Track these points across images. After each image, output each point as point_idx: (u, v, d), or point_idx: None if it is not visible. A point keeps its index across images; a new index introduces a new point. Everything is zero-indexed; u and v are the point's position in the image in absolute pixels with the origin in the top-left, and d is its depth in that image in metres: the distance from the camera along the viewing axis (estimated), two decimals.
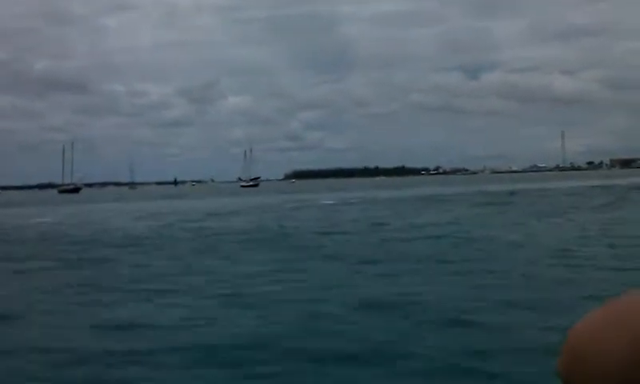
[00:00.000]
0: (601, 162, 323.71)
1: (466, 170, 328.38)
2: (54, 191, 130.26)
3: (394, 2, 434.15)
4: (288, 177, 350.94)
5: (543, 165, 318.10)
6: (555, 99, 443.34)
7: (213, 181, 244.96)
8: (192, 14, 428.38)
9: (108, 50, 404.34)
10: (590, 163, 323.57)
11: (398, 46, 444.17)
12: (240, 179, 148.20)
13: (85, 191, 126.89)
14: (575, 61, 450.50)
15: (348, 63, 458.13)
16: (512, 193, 49.08)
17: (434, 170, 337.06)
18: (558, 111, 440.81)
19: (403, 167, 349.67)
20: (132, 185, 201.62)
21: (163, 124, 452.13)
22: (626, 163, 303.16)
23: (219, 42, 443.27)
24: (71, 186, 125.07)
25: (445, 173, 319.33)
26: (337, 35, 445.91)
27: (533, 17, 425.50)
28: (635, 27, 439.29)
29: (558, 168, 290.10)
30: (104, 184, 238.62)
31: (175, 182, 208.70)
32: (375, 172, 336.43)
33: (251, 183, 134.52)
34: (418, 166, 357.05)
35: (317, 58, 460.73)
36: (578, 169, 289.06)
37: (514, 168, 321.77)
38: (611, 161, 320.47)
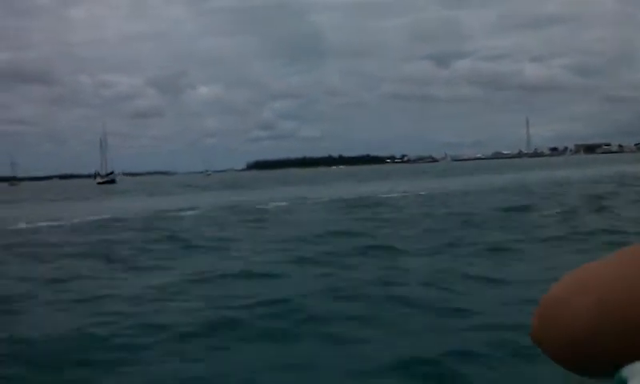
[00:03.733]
0: (565, 148, 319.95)
1: (432, 158, 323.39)
2: None
3: None
4: (249, 167, 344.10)
5: (507, 151, 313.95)
6: (524, 86, 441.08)
7: (124, 174, 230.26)
8: (160, 4, 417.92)
9: (74, 42, 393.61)
10: (553, 149, 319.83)
11: (369, 35, 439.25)
12: (98, 175, 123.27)
13: None
14: (544, 48, 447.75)
15: (319, 52, 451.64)
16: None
17: (399, 159, 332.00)
18: (526, 98, 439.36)
19: (368, 156, 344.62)
20: (12, 181, 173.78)
21: (131, 115, 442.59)
22: (590, 149, 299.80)
23: (188, 33, 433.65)
24: None
25: (409, 161, 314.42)
26: (307, 24, 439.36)
27: (503, 5, 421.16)
28: (601, 15, 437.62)
29: (520, 154, 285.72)
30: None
31: (95, 175, 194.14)
32: (339, 161, 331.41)
33: (106, 179, 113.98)
34: (385, 154, 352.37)
35: (288, 47, 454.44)
36: (541, 155, 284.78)
37: (479, 155, 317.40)
38: (575, 146, 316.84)
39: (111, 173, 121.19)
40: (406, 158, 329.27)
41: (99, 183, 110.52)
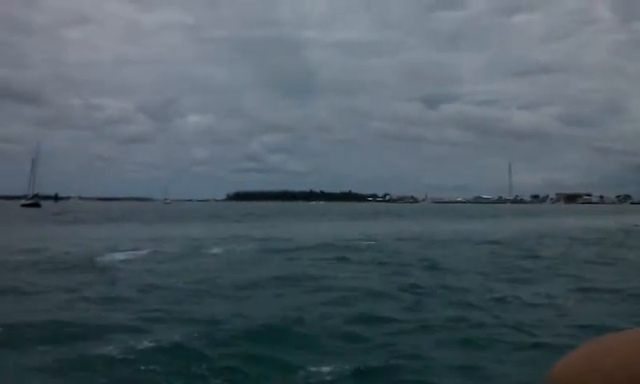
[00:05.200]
0: (546, 196, 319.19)
1: (413, 199, 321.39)
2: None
3: (359, 31, 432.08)
4: (229, 197, 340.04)
5: (488, 196, 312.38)
6: (511, 133, 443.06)
7: (80, 198, 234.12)
8: (156, 30, 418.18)
9: (68, 63, 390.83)
10: (535, 197, 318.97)
11: (361, 73, 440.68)
12: (26, 197, 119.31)
13: None
14: (533, 96, 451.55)
15: (312, 88, 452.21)
16: None
17: (380, 197, 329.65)
18: (513, 144, 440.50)
19: (350, 192, 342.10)
20: None
21: (119, 139, 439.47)
22: (571, 198, 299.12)
23: (183, 60, 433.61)
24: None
25: (390, 200, 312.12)
26: (301, 60, 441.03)
27: (494, 52, 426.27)
28: (590, 67, 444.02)
29: (501, 200, 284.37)
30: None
31: (56, 198, 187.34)
32: (319, 196, 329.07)
33: (31, 202, 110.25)
34: (368, 192, 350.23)
35: (282, 81, 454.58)
36: (522, 202, 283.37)
37: (459, 198, 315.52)
38: (557, 195, 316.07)
39: (35, 195, 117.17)
40: (387, 197, 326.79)
41: (23, 205, 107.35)
